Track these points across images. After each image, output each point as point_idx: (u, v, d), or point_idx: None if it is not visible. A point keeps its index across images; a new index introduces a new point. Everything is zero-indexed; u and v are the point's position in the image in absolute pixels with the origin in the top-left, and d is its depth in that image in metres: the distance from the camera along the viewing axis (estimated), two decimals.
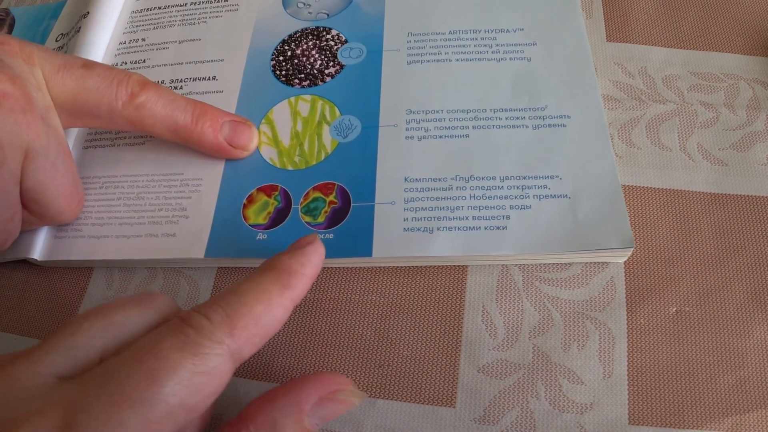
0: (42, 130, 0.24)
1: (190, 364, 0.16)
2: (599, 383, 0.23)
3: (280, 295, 0.19)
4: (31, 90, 0.23)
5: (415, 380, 0.24)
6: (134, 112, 0.25)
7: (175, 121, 0.26)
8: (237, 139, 0.27)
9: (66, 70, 0.24)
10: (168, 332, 0.17)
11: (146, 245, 0.26)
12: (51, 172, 0.24)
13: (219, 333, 0.17)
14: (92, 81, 0.25)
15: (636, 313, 0.24)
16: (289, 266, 0.20)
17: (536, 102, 0.27)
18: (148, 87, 0.25)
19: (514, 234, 0.24)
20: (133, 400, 0.16)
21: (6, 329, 0.28)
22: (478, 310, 0.24)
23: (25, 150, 0.23)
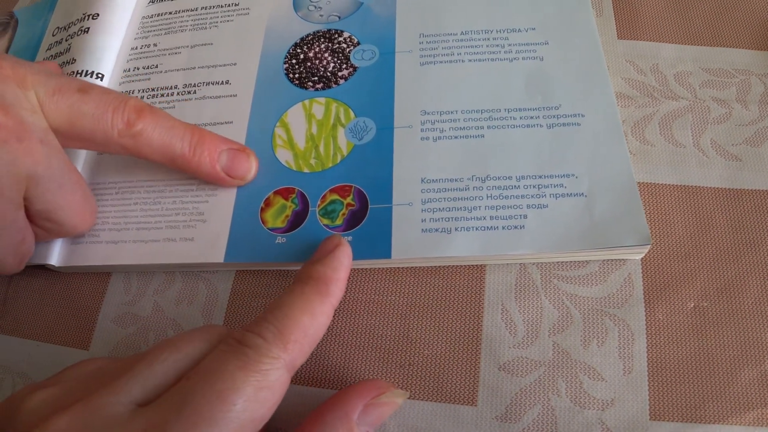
0: (42, 154, 0.23)
1: (255, 381, 0.18)
2: (619, 379, 0.23)
3: (321, 303, 0.21)
4: (25, 116, 0.23)
5: (437, 379, 0.24)
6: (130, 140, 0.25)
7: (172, 150, 0.25)
8: (235, 169, 0.26)
9: (61, 94, 0.24)
10: (230, 354, 0.19)
11: (164, 250, 0.27)
12: (59, 192, 0.24)
13: (275, 349, 0.19)
14: (88, 107, 0.24)
15: (654, 309, 0.24)
16: (325, 274, 0.22)
17: (550, 101, 0.27)
18: (144, 114, 0.25)
19: (532, 233, 0.24)
20: (209, 420, 0.17)
21: (27, 336, 0.28)
22: (498, 309, 0.25)
23: (27, 177, 0.23)
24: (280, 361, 0.19)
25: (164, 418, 0.17)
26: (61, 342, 0.27)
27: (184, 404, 0.18)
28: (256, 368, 0.18)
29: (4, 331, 0.28)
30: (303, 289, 0.21)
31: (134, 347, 0.27)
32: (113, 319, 0.27)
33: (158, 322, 0.27)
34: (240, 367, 0.18)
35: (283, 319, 0.20)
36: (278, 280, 0.26)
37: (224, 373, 0.18)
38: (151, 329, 0.27)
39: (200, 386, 0.18)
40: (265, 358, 0.19)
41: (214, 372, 0.18)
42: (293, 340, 0.20)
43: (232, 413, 0.17)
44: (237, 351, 0.19)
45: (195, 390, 0.18)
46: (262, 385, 0.18)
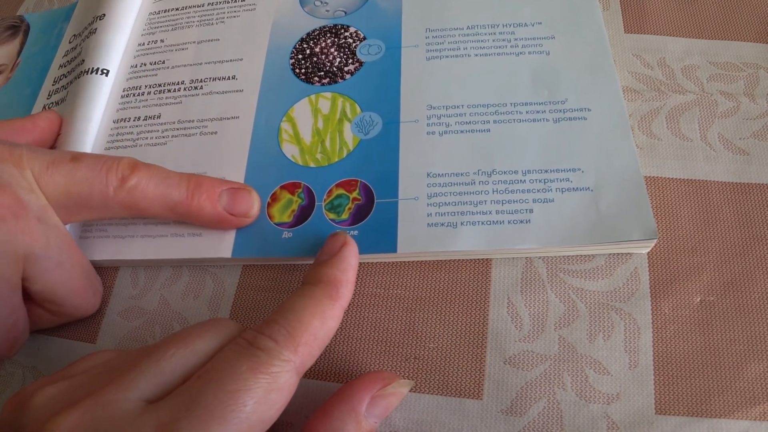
0: (39, 232, 0.23)
1: (265, 383, 0.18)
2: (625, 373, 0.23)
3: (332, 307, 0.21)
4: (22, 194, 0.23)
5: (442, 373, 0.24)
6: (127, 196, 0.24)
7: (170, 199, 0.25)
8: (237, 207, 0.26)
9: (55, 167, 0.24)
10: (241, 355, 0.19)
11: (172, 245, 0.27)
12: (57, 270, 0.24)
13: (285, 352, 0.19)
14: (81, 173, 0.24)
15: (660, 304, 0.24)
16: (334, 277, 0.22)
17: (556, 95, 0.27)
18: (138, 169, 0.25)
19: (538, 227, 0.24)
20: (220, 420, 0.17)
21: (38, 331, 0.28)
22: (504, 303, 0.25)
23: (24, 255, 0.23)
24: (290, 364, 0.19)
25: (175, 416, 0.17)
26: (70, 336, 0.28)
27: (196, 403, 0.18)
28: (267, 370, 0.19)
29: None
30: (313, 292, 0.21)
31: (140, 340, 0.27)
32: (120, 312, 0.28)
33: (164, 316, 0.27)
34: (251, 368, 0.18)
35: (294, 322, 0.20)
36: (285, 275, 0.27)
37: (236, 374, 0.18)
38: (157, 323, 0.27)
39: (212, 386, 0.18)
40: (275, 360, 0.19)
41: (225, 372, 0.18)
42: (303, 342, 0.20)
43: (243, 414, 0.18)
44: (248, 352, 0.19)
45: (206, 390, 0.18)
46: (272, 387, 0.18)
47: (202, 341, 0.20)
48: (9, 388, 0.27)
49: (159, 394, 0.19)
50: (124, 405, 0.18)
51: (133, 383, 0.18)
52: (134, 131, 0.30)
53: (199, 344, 0.20)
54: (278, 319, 0.20)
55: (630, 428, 0.22)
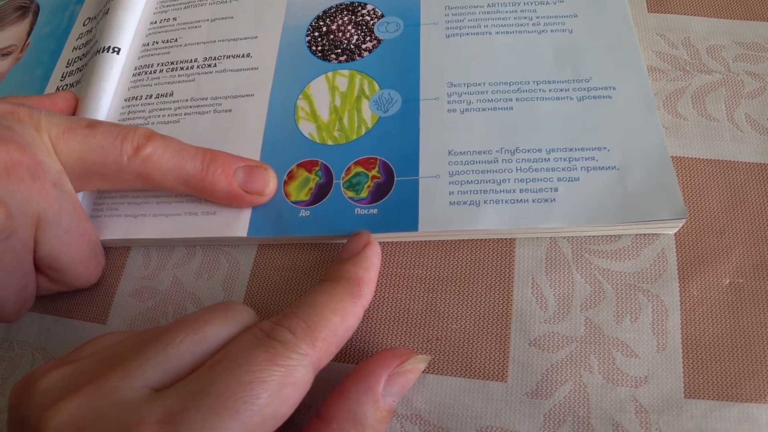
0: (53, 197, 0.23)
1: (280, 376, 0.17)
2: (653, 356, 0.23)
3: (353, 305, 0.21)
4: (41, 157, 0.23)
5: (465, 354, 0.23)
6: (141, 165, 0.24)
7: (184, 171, 0.24)
8: (252, 184, 0.25)
9: (71, 132, 0.24)
10: (257, 346, 0.18)
11: (186, 224, 0.26)
12: (65, 238, 0.24)
13: (303, 346, 0.18)
14: (96, 139, 0.24)
15: (688, 285, 0.24)
16: (357, 275, 0.21)
17: (580, 74, 0.26)
18: (153, 139, 0.24)
19: (563, 206, 0.24)
20: (232, 411, 0.16)
21: (46, 311, 0.27)
22: (528, 283, 0.24)
23: (37, 218, 0.23)
24: (307, 359, 0.18)
25: (183, 405, 0.17)
26: (79, 317, 0.27)
27: (206, 393, 0.17)
28: (283, 363, 0.18)
29: None
30: (334, 289, 0.21)
31: (152, 321, 0.26)
32: (131, 293, 0.27)
33: (177, 296, 0.26)
34: (267, 359, 0.18)
35: (314, 316, 0.19)
36: (301, 254, 0.26)
37: (251, 365, 0.17)
38: (169, 303, 0.26)
39: (225, 376, 0.17)
40: (293, 353, 0.18)
41: (240, 363, 0.17)
42: (322, 338, 0.19)
43: (255, 407, 0.17)
44: (265, 343, 0.18)
45: (218, 379, 0.17)
46: (287, 381, 0.18)
47: (213, 328, 0.19)
48: (18, 369, 0.27)
49: (165, 383, 0.18)
50: (128, 393, 0.17)
51: (138, 370, 0.18)
52: (146, 109, 0.29)
53: (209, 331, 0.19)
54: (297, 312, 0.19)
55: (659, 412, 0.22)
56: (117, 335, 0.21)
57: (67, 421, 0.17)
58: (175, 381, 0.18)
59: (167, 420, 0.16)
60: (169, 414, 0.16)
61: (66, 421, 0.17)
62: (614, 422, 0.22)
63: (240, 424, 0.16)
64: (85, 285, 0.26)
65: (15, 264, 0.23)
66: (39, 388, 0.18)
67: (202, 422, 0.16)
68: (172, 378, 0.18)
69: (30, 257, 0.23)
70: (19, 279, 0.23)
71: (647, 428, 0.21)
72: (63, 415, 0.17)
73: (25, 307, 0.25)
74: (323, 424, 0.19)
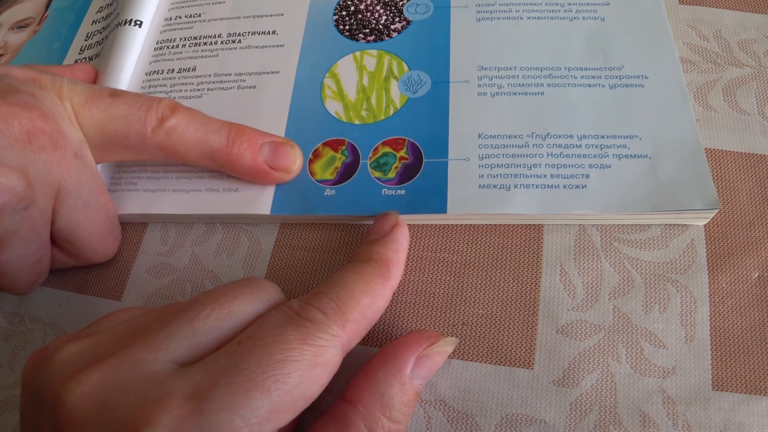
0: (74, 168, 0.23)
1: (312, 356, 0.17)
2: (681, 347, 0.22)
3: (383, 286, 0.20)
4: (63, 125, 0.22)
5: (492, 340, 0.23)
6: (165, 137, 0.23)
7: (209, 145, 0.24)
8: (278, 160, 0.24)
9: (93, 101, 0.23)
10: (288, 324, 0.18)
11: (207, 200, 0.26)
12: (83, 211, 0.23)
13: (334, 326, 0.18)
14: (119, 109, 0.23)
15: (717, 277, 0.23)
16: (386, 256, 0.21)
17: (612, 61, 0.26)
18: (178, 110, 0.24)
19: (595, 193, 0.23)
20: (262, 390, 0.16)
21: (59, 286, 0.27)
22: (556, 270, 0.24)
23: (57, 189, 0.22)
24: (337, 339, 0.18)
25: (212, 381, 0.16)
26: (94, 293, 0.26)
27: (236, 370, 0.16)
28: (314, 342, 0.17)
29: None
30: (364, 269, 0.20)
31: (169, 298, 0.26)
32: (148, 269, 0.26)
33: (196, 274, 0.26)
34: (299, 338, 0.17)
35: (344, 297, 0.19)
36: (324, 234, 0.25)
37: (283, 343, 0.17)
38: (187, 280, 0.26)
39: (255, 353, 0.17)
40: (324, 333, 0.18)
41: (271, 340, 0.17)
42: (352, 319, 0.19)
43: (287, 386, 0.16)
44: (296, 322, 0.18)
45: (249, 356, 0.16)
46: (317, 362, 0.17)
47: (240, 304, 0.18)
48: (29, 345, 0.26)
49: (191, 358, 0.17)
50: (153, 366, 0.16)
51: (163, 344, 0.17)
52: (167, 83, 0.29)
53: (236, 306, 0.18)
54: (327, 292, 0.19)
55: (686, 404, 0.21)
56: (134, 311, 0.20)
57: (88, 393, 0.16)
58: (200, 356, 0.17)
59: (195, 396, 0.16)
60: (197, 389, 0.16)
61: (87, 394, 0.16)
62: (641, 413, 0.21)
63: (270, 403, 0.16)
64: (100, 260, 0.26)
65: (32, 235, 0.22)
66: (56, 360, 0.17)
67: (231, 399, 0.16)
68: (197, 353, 0.17)
69: (47, 229, 0.23)
70: (35, 251, 0.23)
71: (675, 420, 0.21)
72: (84, 388, 0.16)
73: (39, 280, 0.25)
74: (348, 407, 0.19)
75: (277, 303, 0.19)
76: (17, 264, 0.23)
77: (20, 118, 0.21)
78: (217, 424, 0.15)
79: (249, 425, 0.16)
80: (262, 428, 0.16)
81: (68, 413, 0.16)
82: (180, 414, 0.15)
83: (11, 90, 0.22)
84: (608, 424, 0.21)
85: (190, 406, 0.16)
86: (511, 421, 0.22)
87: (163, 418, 0.15)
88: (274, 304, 0.19)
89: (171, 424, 0.15)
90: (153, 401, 0.16)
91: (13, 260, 0.22)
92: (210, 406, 0.15)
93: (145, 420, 0.15)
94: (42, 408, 0.17)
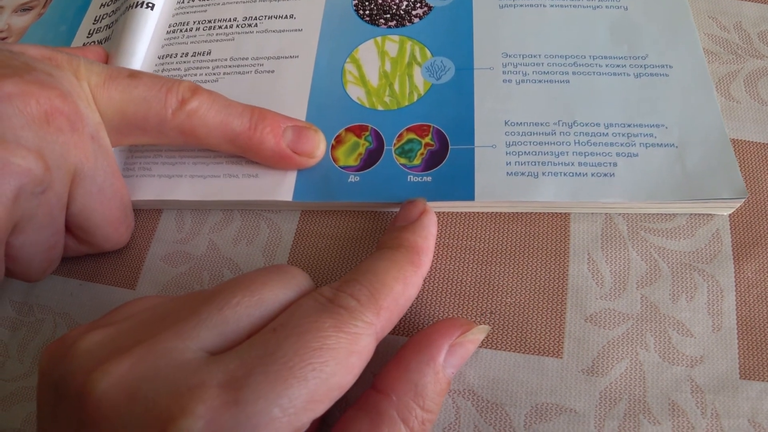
0: (90, 151, 0.22)
1: (346, 344, 0.17)
2: (709, 336, 0.22)
3: (414, 273, 0.20)
4: (81, 107, 0.22)
5: (520, 329, 0.22)
6: (186, 120, 0.22)
7: (231, 129, 0.23)
8: (302, 145, 0.24)
9: (112, 81, 0.22)
10: (322, 312, 0.17)
11: (225, 186, 0.25)
12: (98, 196, 0.23)
13: (368, 314, 0.18)
14: (139, 90, 0.22)
15: (743, 267, 0.23)
16: (416, 243, 0.20)
17: (636, 51, 0.26)
18: (199, 92, 0.23)
19: (623, 181, 0.23)
20: (300, 378, 0.16)
21: (69, 275, 0.26)
22: (584, 259, 0.23)
23: (73, 172, 0.21)
24: (371, 327, 0.17)
25: (247, 370, 0.15)
26: (106, 281, 0.26)
27: (272, 358, 0.16)
28: (349, 330, 0.17)
29: None
30: (395, 256, 0.20)
31: (186, 287, 0.25)
32: (163, 257, 0.26)
33: (213, 262, 0.25)
34: (334, 326, 0.17)
35: (376, 284, 0.18)
36: (347, 221, 0.25)
37: (318, 331, 0.16)
38: (205, 268, 0.25)
39: (291, 341, 0.16)
40: (358, 321, 0.17)
41: (307, 327, 0.16)
42: (386, 307, 0.18)
43: (323, 374, 0.16)
44: (330, 309, 0.17)
45: (284, 344, 0.16)
46: (352, 350, 0.17)
47: (271, 291, 0.18)
48: (39, 335, 0.25)
49: (221, 346, 0.17)
50: (184, 354, 0.16)
51: (193, 332, 0.16)
52: (181, 67, 0.28)
53: (267, 294, 0.18)
54: (359, 279, 0.18)
55: (714, 392, 0.21)
56: (153, 299, 0.20)
57: (117, 383, 0.15)
58: (230, 345, 0.17)
59: (231, 384, 0.15)
60: (232, 378, 0.15)
61: (116, 384, 0.15)
62: (670, 402, 0.21)
63: (307, 392, 0.15)
64: (112, 248, 0.25)
65: (48, 220, 0.21)
66: (78, 350, 0.17)
67: (268, 388, 0.15)
68: (228, 341, 0.17)
69: (63, 214, 0.22)
70: (50, 236, 0.22)
71: (703, 408, 0.21)
72: (112, 377, 0.15)
73: (52, 267, 0.24)
74: (380, 396, 0.18)
75: (308, 290, 0.19)
76: (31, 250, 0.22)
77: (38, 97, 0.20)
78: (255, 414, 0.15)
79: (287, 415, 0.15)
80: (299, 418, 0.15)
81: (96, 405, 0.15)
82: (216, 404, 0.15)
83: (28, 68, 0.21)
84: (638, 413, 0.21)
85: (226, 395, 0.15)
86: (541, 410, 0.21)
87: (199, 407, 0.15)
88: (305, 291, 0.19)
89: (207, 414, 0.15)
90: (187, 390, 0.15)
91: (27, 246, 0.21)
92: (246, 395, 0.15)
93: (180, 410, 0.15)
94: (64, 401, 0.16)
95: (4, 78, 0.20)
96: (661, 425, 0.21)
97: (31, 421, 0.24)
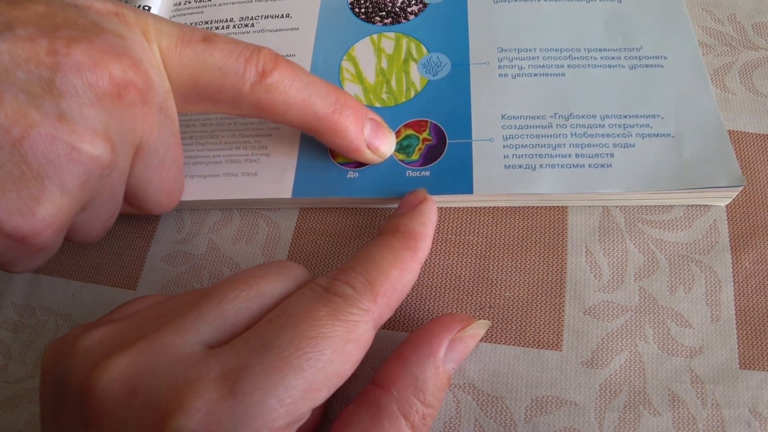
0: (157, 123, 0.20)
1: (343, 332, 0.17)
2: (707, 327, 0.22)
3: (411, 259, 0.20)
4: (152, 75, 0.20)
5: (519, 323, 0.23)
6: (265, 95, 0.21)
7: (313, 109, 0.21)
8: (377, 140, 0.23)
9: (185, 45, 0.20)
10: (317, 301, 0.17)
11: (225, 185, 0.25)
12: (158, 168, 0.22)
13: (365, 301, 0.18)
14: (214, 58, 0.20)
15: (741, 258, 0.23)
16: (413, 228, 0.20)
17: (630, 42, 0.26)
18: (280, 64, 0.21)
19: (620, 172, 0.23)
20: (296, 368, 0.16)
21: (71, 276, 0.26)
22: (582, 251, 0.23)
23: (137, 146, 0.20)
24: (369, 314, 0.17)
25: (244, 362, 0.15)
26: (107, 282, 0.26)
27: (268, 349, 0.16)
28: (345, 318, 0.17)
29: (46, 271, 0.26)
30: (391, 242, 0.20)
31: (186, 286, 0.25)
32: (163, 257, 0.26)
33: (213, 261, 0.25)
34: (329, 314, 0.17)
35: (372, 271, 0.18)
36: (346, 218, 0.25)
37: (313, 320, 0.16)
38: (205, 268, 0.25)
39: (286, 331, 0.16)
40: (354, 308, 0.17)
41: (302, 317, 0.16)
42: (382, 293, 0.18)
43: (320, 363, 0.16)
44: (325, 298, 0.17)
45: (280, 335, 0.16)
46: (350, 337, 0.17)
47: (268, 284, 0.18)
48: (41, 337, 0.25)
49: (221, 339, 0.17)
50: (183, 349, 0.16)
51: (192, 326, 0.16)
52: None
53: (264, 287, 0.18)
54: (355, 267, 0.18)
55: (714, 382, 0.21)
56: (153, 297, 0.20)
57: (117, 379, 0.15)
58: (230, 338, 0.17)
59: (228, 377, 0.15)
60: (229, 370, 0.15)
61: (116, 379, 0.15)
62: (670, 392, 0.21)
63: (304, 381, 0.16)
64: (161, 212, 0.24)
65: (110, 195, 0.20)
66: (80, 347, 0.17)
67: (264, 379, 0.15)
68: (227, 335, 0.17)
69: (123, 187, 0.21)
70: (110, 208, 0.21)
71: (704, 399, 0.21)
72: (113, 373, 0.16)
73: (107, 230, 0.23)
74: (381, 391, 0.19)
75: (305, 283, 0.19)
76: (90, 223, 0.21)
77: (112, 68, 0.18)
78: (252, 405, 0.15)
79: (284, 405, 0.15)
80: (297, 408, 0.16)
81: (97, 400, 0.15)
82: (213, 397, 0.15)
83: (97, 30, 0.18)
84: (638, 405, 0.21)
85: (223, 388, 0.15)
86: (541, 403, 0.21)
87: (196, 401, 0.15)
88: (302, 283, 0.19)
89: (204, 408, 0.15)
90: (185, 384, 0.15)
91: (87, 220, 0.21)
92: (243, 387, 0.15)
93: (178, 404, 0.15)
94: (66, 397, 0.16)
95: (73, 43, 0.17)
96: (662, 416, 0.21)
97: (34, 422, 0.24)
